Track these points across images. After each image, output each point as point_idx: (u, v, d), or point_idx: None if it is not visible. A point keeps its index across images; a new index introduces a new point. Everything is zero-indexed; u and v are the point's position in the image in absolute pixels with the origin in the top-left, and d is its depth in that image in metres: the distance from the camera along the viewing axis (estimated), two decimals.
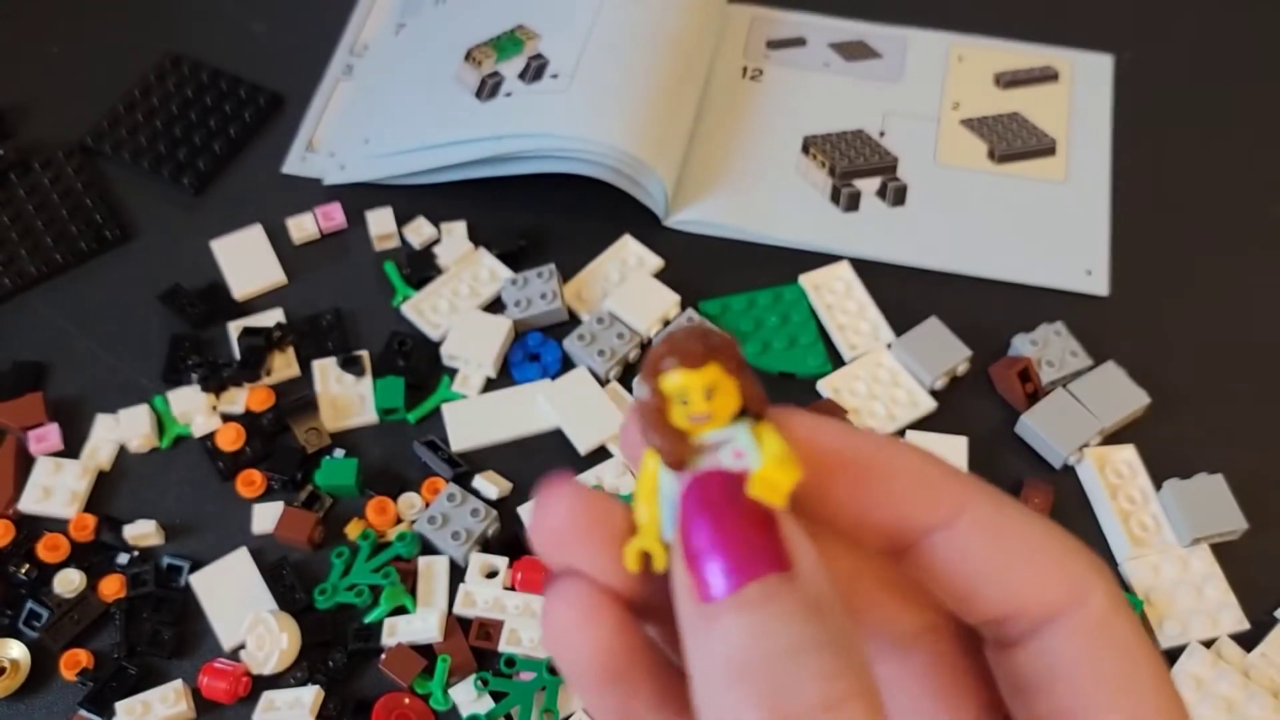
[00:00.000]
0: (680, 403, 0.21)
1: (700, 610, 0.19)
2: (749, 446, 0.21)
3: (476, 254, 0.60)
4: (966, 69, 0.67)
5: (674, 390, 0.21)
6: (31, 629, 0.50)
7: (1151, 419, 0.55)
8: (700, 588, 0.19)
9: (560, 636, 0.20)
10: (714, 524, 0.19)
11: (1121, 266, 0.60)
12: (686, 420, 0.21)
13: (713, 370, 0.21)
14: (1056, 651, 0.21)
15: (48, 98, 0.67)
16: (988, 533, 0.21)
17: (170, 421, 0.55)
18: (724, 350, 0.21)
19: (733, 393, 0.21)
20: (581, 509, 0.21)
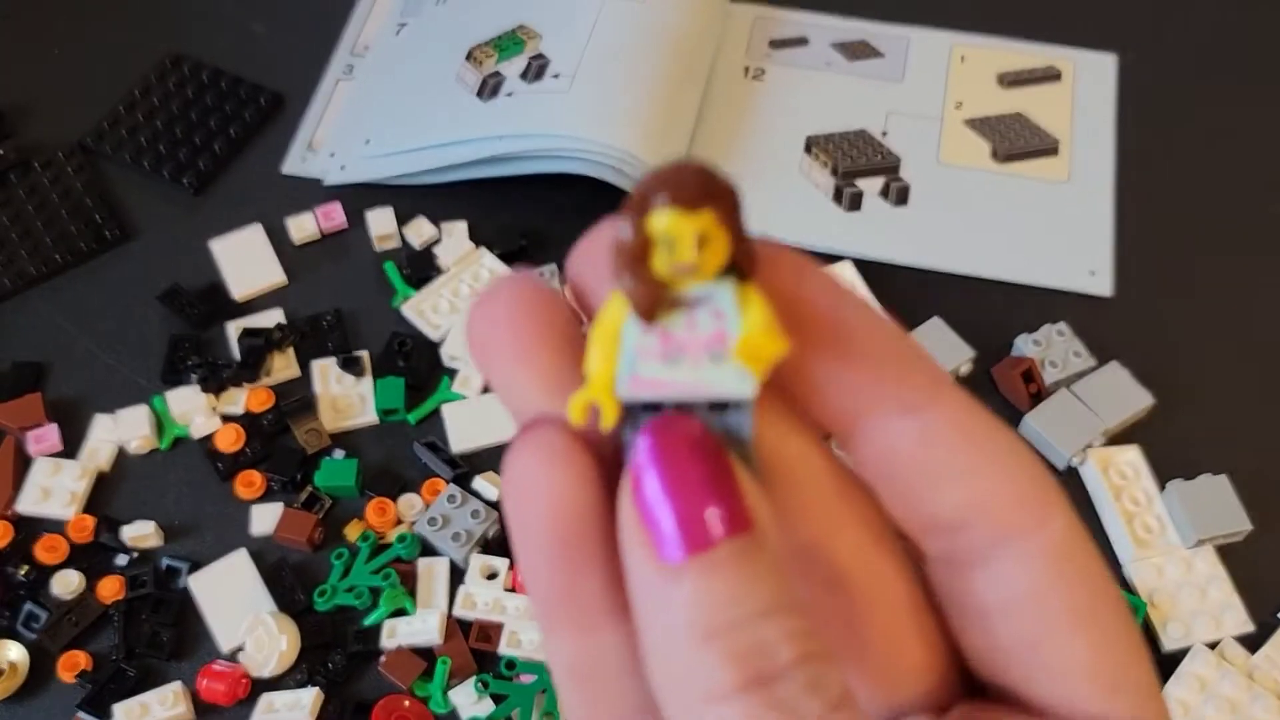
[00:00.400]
0: (665, 248, 0.19)
1: (658, 570, 0.18)
2: (730, 309, 0.19)
3: (477, 254, 0.60)
4: (969, 68, 0.67)
5: (662, 233, 0.19)
6: (30, 630, 0.50)
7: (1155, 420, 0.55)
8: (660, 546, 0.18)
9: (516, 484, 0.19)
10: (678, 477, 0.18)
11: (1125, 266, 0.60)
12: (668, 269, 0.19)
13: (708, 217, 0.19)
14: (1018, 575, 0.20)
15: (48, 98, 0.67)
16: (955, 429, 0.20)
17: (169, 422, 0.55)
18: (724, 196, 0.19)
19: (723, 245, 0.19)
20: (531, 310, 0.19)
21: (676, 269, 0.19)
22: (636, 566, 0.18)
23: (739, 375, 0.19)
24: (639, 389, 0.19)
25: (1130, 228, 0.61)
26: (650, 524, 0.18)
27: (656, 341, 0.19)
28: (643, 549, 0.18)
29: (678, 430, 0.18)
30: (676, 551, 0.18)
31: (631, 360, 0.19)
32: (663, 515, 0.18)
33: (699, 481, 0.18)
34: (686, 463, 0.18)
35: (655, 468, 0.18)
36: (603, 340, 0.19)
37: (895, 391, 0.20)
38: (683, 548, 0.17)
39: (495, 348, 0.20)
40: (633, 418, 0.20)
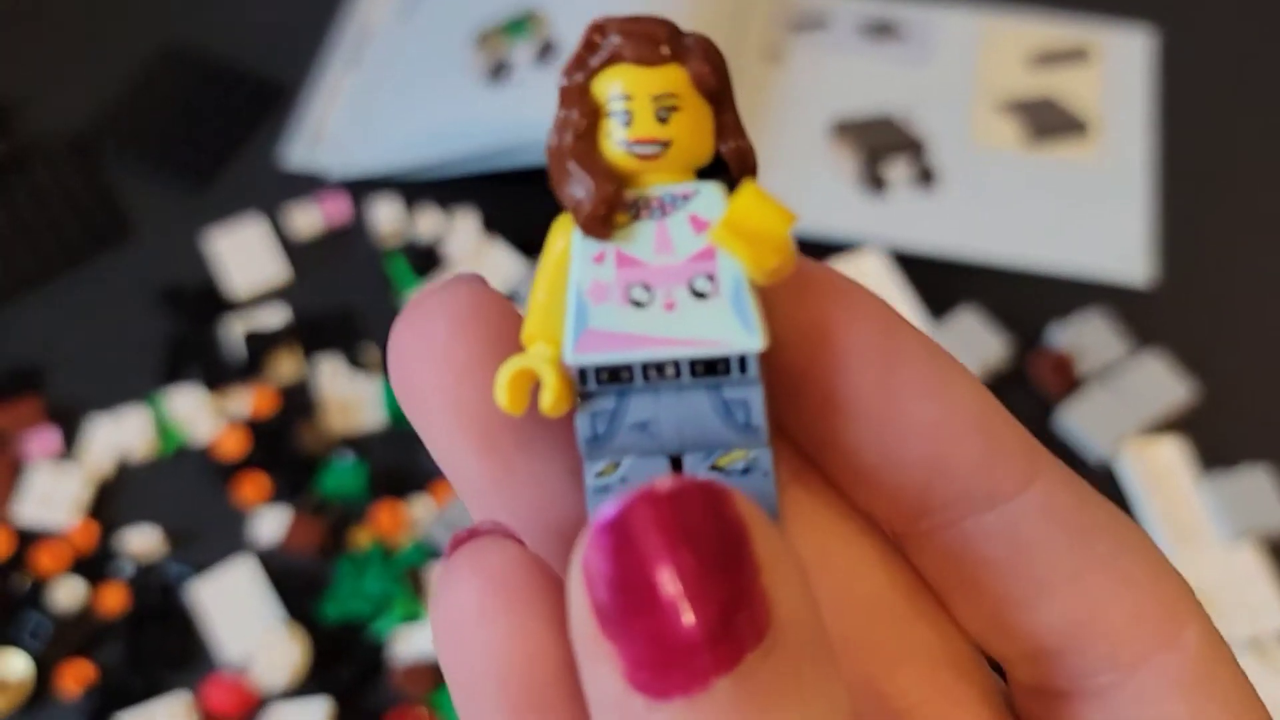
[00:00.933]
0: (619, 120, 0.14)
1: (632, 704, 0.12)
2: (716, 211, 0.14)
3: (489, 245, 0.58)
4: (997, 48, 0.65)
5: (614, 96, 0.14)
6: (32, 641, 0.49)
7: (1193, 411, 0.53)
8: (632, 674, 0.12)
9: (453, 628, 0.13)
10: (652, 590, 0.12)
11: (1162, 253, 0.58)
12: (623, 150, 0.14)
13: (674, 74, 0.14)
14: (1142, 709, 0.15)
15: (44, 94, 0.65)
16: (1060, 522, 0.15)
17: (172, 425, 0.54)
18: (698, 50, 0.14)
19: (699, 120, 0.14)
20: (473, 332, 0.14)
21: (634, 149, 0.14)
22: (601, 695, 0.13)
23: (740, 318, 0.14)
24: (591, 347, 0.14)
25: (1167, 212, 0.59)
26: (621, 642, 0.12)
27: (614, 272, 0.14)
28: (605, 666, 0.13)
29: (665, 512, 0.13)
30: (655, 689, 0.12)
31: (580, 307, 0.14)
32: (637, 633, 0.12)
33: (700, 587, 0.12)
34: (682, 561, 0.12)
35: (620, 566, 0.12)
36: (545, 279, 0.14)
37: (971, 473, 0.15)
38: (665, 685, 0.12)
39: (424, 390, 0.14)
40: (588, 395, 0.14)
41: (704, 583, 0.12)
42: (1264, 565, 0.49)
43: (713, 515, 0.13)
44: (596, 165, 0.14)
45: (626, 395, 0.14)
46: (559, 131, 0.14)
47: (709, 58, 0.14)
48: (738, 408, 0.14)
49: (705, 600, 0.12)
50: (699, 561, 0.12)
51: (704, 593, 0.12)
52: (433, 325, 0.14)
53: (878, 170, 0.60)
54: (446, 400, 0.14)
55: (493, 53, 0.61)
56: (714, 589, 0.12)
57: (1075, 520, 0.15)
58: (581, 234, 0.14)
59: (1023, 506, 0.15)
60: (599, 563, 0.12)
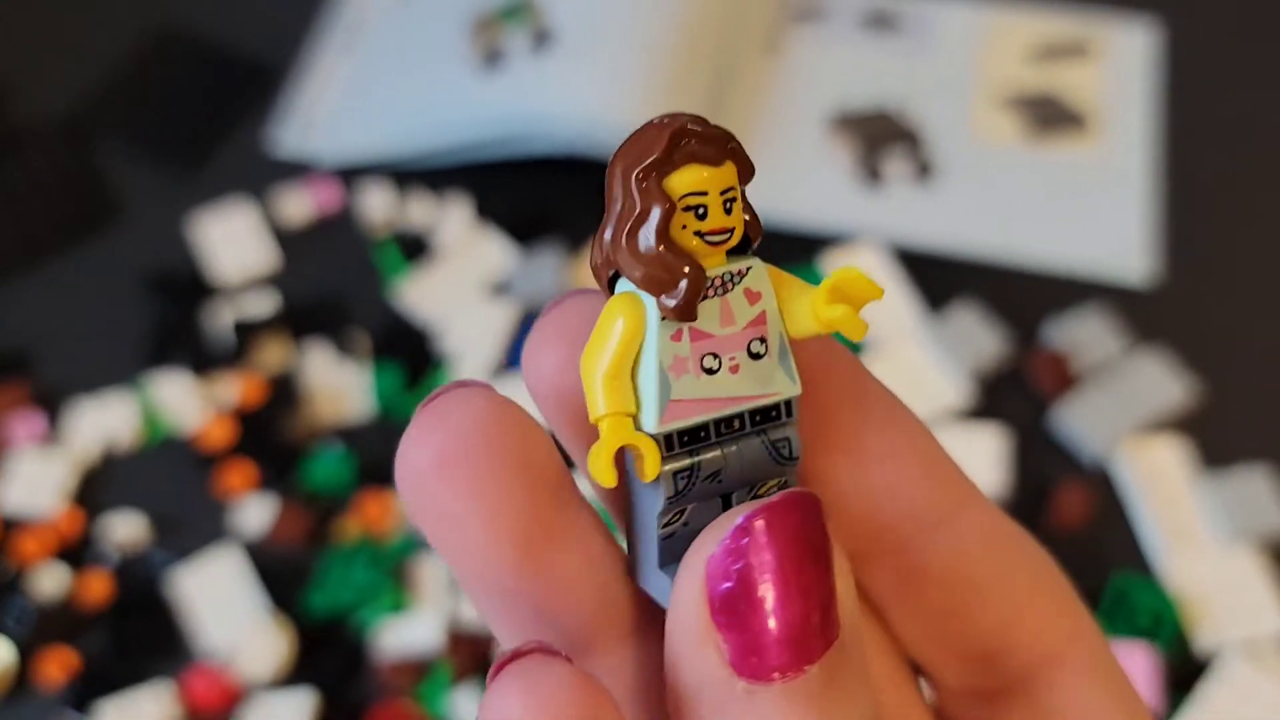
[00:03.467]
0: (695, 214, 0.15)
1: (733, 687, 0.14)
2: (765, 286, 0.16)
3: (481, 233, 0.58)
4: (998, 42, 0.64)
5: (691, 193, 0.15)
6: (15, 628, 0.48)
7: (1191, 411, 0.53)
8: (737, 660, 0.14)
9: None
10: (790, 581, 0.14)
11: (1161, 251, 0.57)
12: (699, 240, 0.15)
13: (731, 170, 0.16)
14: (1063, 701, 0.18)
15: (34, 77, 0.65)
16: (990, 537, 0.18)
17: (159, 413, 0.53)
18: (739, 148, 0.16)
19: (741, 206, 0.16)
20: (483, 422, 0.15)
21: (708, 239, 0.15)
22: (702, 678, 0.15)
23: (784, 370, 0.16)
24: (676, 416, 0.15)
25: (1167, 209, 0.59)
26: (732, 630, 0.14)
27: (689, 347, 0.15)
28: (710, 654, 0.14)
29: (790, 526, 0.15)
30: (759, 669, 0.14)
31: (664, 382, 0.15)
32: (750, 619, 0.14)
33: (804, 585, 0.14)
34: (794, 570, 0.14)
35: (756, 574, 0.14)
36: (613, 373, 0.15)
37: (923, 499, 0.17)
38: (768, 664, 0.14)
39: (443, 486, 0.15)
40: (667, 459, 0.16)
41: (808, 585, 0.14)
42: (1261, 567, 0.49)
43: (814, 522, 0.15)
44: (687, 255, 0.15)
45: (699, 452, 0.16)
46: (635, 220, 0.15)
47: (740, 154, 0.16)
48: (783, 445, 0.16)
49: (808, 600, 0.14)
50: (805, 562, 0.14)
51: (808, 590, 0.14)
52: (445, 441, 0.15)
53: (875, 163, 0.60)
54: (481, 513, 0.15)
55: (488, 40, 0.60)
56: (814, 588, 0.14)
57: (1000, 537, 0.18)
58: (669, 318, 0.15)
59: (960, 526, 0.17)
60: (726, 559, 0.14)
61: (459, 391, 0.15)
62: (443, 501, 0.15)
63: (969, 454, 0.51)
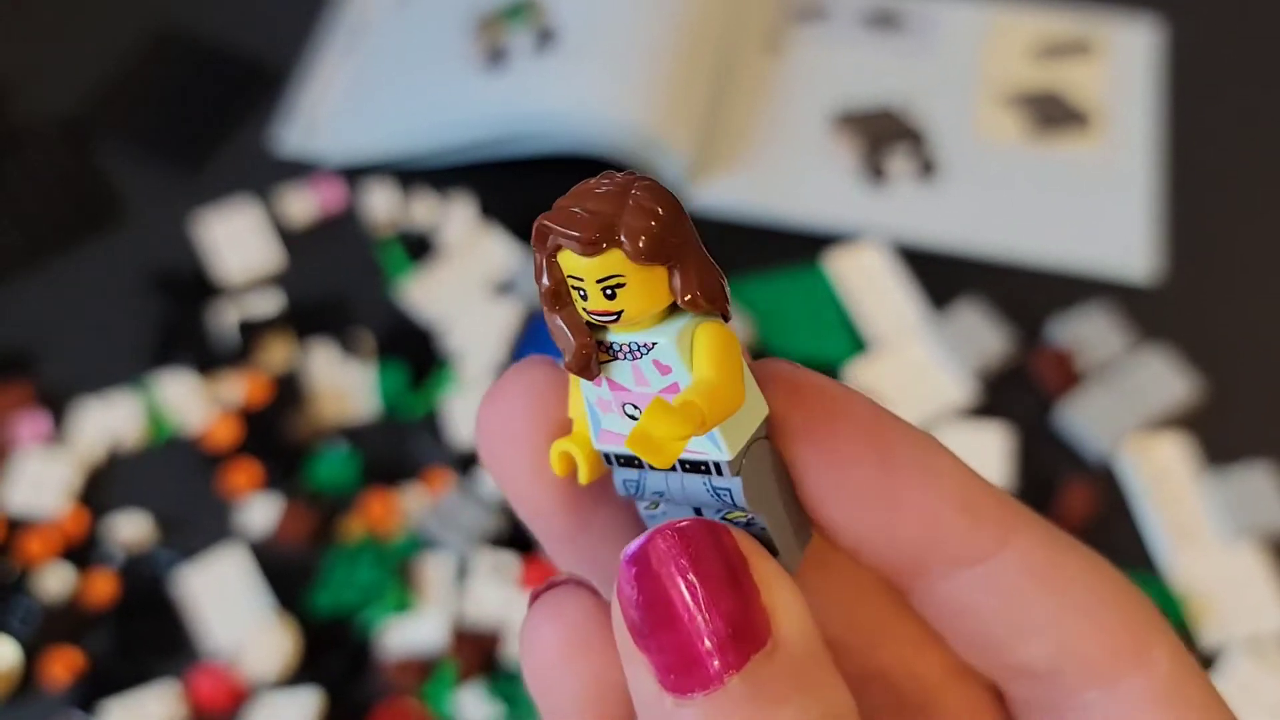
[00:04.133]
0: (578, 293, 0.16)
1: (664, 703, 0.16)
2: (676, 362, 0.16)
3: (485, 233, 0.58)
4: (1001, 40, 0.64)
5: (568, 276, 0.16)
6: (21, 628, 0.48)
7: (1195, 408, 0.53)
8: (663, 677, 0.16)
9: (543, 663, 0.17)
10: (671, 607, 0.15)
11: (1164, 249, 0.57)
12: (587, 316, 0.16)
13: (614, 259, 0.16)
14: None
15: (36, 76, 0.65)
16: (1035, 573, 0.18)
17: (163, 412, 0.53)
18: (637, 225, 0.16)
19: (654, 286, 0.16)
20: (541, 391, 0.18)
21: (593, 318, 0.16)
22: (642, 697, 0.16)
23: (709, 438, 0.17)
24: (608, 442, 0.17)
25: (1170, 207, 0.59)
26: (651, 653, 0.16)
27: (610, 394, 0.17)
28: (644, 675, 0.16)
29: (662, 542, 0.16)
30: (680, 687, 0.15)
31: (594, 414, 0.17)
32: (663, 645, 0.15)
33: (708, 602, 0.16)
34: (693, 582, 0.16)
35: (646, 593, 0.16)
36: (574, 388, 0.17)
37: (957, 544, 0.18)
38: (689, 682, 0.15)
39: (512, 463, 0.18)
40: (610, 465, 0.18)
41: (711, 598, 0.15)
42: (1264, 565, 0.49)
43: (715, 544, 0.16)
44: (573, 325, 0.16)
45: (644, 471, 0.18)
46: (541, 293, 0.16)
47: (643, 231, 0.16)
48: (724, 493, 0.17)
49: (713, 612, 0.15)
50: (706, 581, 0.15)
51: (712, 606, 0.15)
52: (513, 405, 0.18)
53: (878, 162, 0.60)
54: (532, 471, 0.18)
55: (491, 39, 0.60)
56: (720, 603, 0.15)
57: (1048, 571, 0.18)
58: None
59: (1001, 564, 0.18)
60: (628, 588, 0.16)
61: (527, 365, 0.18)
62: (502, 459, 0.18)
63: (973, 452, 0.51)
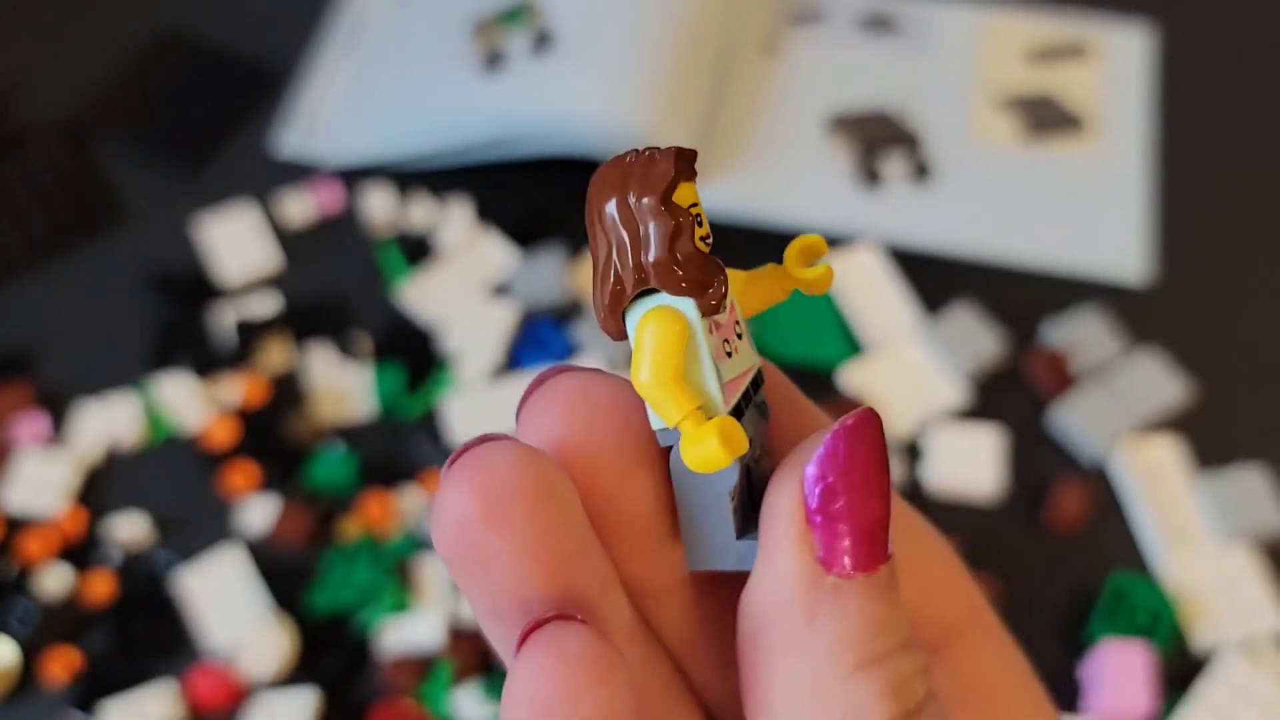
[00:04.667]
0: (697, 223, 0.17)
1: (822, 583, 0.16)
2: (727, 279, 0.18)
3: (482, 235, 0.58)
4: (995, 43, 0.64)
5: (692, 205, 0.17)
6: (19, 627, 0.48)
7: (1188, 410, 0.53)
8: (832, 556, 0.16)
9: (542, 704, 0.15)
10: (870, 485, 0.17)
11: (1158, 251, 0.58)
12: (705, 245, 0.17)
13: None
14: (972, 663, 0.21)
15: (36, 78, 0.65)
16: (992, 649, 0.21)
17: (162, 413, 0.53)
18: None
19: None
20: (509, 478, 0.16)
21: (707, 242, 0.17)
22: (794, 577, 0.17)
23: (751, 345, 0.19)
24: (730, 395, 0.18)
25: (1163, 210, 0.59)
26: (828, 531, 0.16)
27: (716, 337, 0.18)
28: (803, 555, 0.16)
29: (869, 435, 0.17)
30: (845, 566, 0.16)
31: (716, 370, 0.17)
32: (843, 522, 0.16)
33: (880, 495, 0.17)
34: (875, 475, 0.17)
35: (846, 475, 0.17)
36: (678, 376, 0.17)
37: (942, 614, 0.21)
38: (852, 562, 0.16)
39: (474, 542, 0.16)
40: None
41: (884, 488, 0.17)
42: (1257, 566, 0.49)
43: (883, 437, 0.17)
44: (711, 257, 0.17)
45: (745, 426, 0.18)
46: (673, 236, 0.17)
47: None
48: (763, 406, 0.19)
49: (884, 501, 0.17)
50: (883, 471, 0.17)
51: (884, 495, 0.17)
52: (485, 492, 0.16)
53: (873, 164, 0.60)
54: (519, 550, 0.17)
55: (488, 42, 0.60)
56: (887, 494, 0.17)
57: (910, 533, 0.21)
58: (708, 314, 0.17)
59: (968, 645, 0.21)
60: (819, 468, 0.16)
61: (487, 449, 0.17)
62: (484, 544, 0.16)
63: (967, 455, 0.51)
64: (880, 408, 0.52)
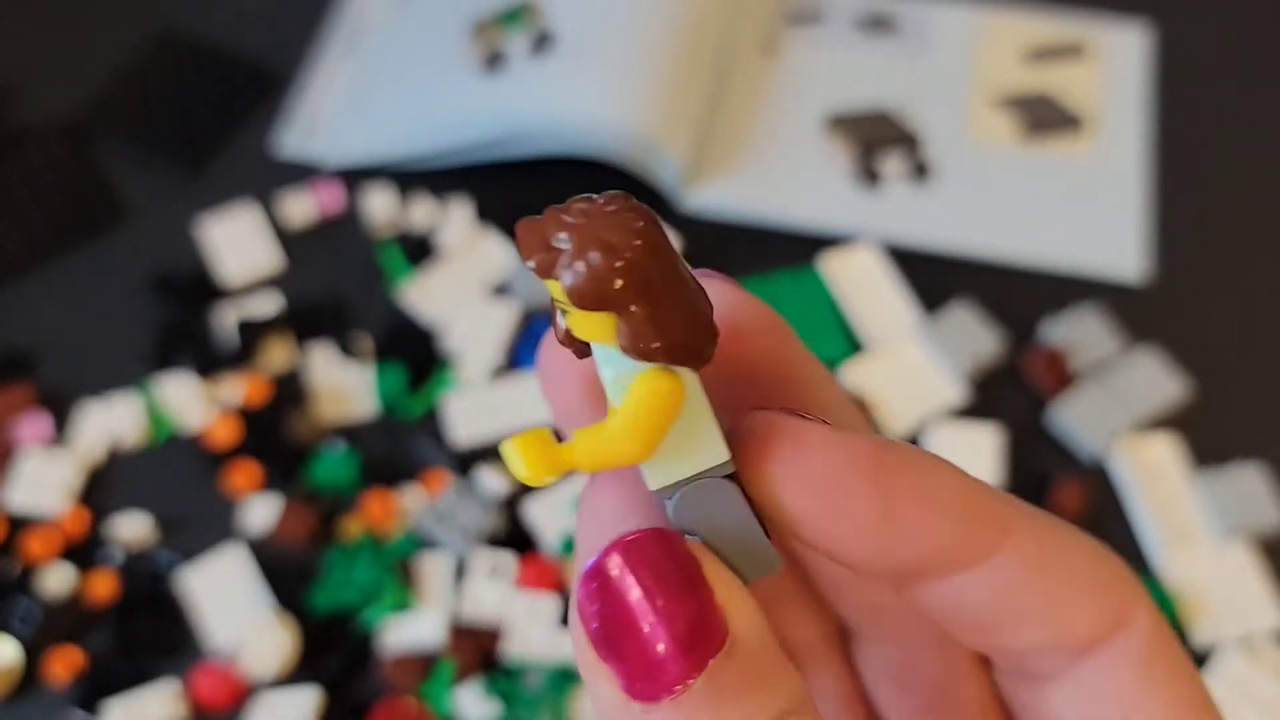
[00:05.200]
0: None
1: (631, 710, 0.16)
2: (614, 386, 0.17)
3: (483, 235, 0.58)
4: (994, 43, 0.65)
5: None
6: (21, 627, 0.48)
7: (1187, 408, 0.53)
8: (627, 686, 0.16)
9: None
10: (631, 617, 0.16)
11: (1156, 250, 0.58)
12: None
13: (557, 289, 0.17)
14: (1100, 684, 0.18)
15: (37, 78, 0.65)
16: (1030, 566, 0.18)
17: (164, 413, 0.53)
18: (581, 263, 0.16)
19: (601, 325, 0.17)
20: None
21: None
22: (601, 705, 0.16)
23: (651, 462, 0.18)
24: None
25: (1161, 208, 0.59)
26: (613, 662, 0.16)
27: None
28: (606, 683, 0.16)
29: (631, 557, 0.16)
30: (644, 694, 0.16)
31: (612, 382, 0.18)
32: (626, 654, 0.16)
33: (665, 609, 0.16)
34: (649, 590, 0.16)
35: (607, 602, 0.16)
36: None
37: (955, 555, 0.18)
38: (653, 689, 0.16)
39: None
40: None
41: (669, 605, 0.16)
42: (1256, 563, 0.49)
43: (668, 551, 0.16)
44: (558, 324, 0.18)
45: None
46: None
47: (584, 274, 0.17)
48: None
49: (672, 618, 0.16)
50: (662, 588, 0.16)
51: (670, 612, 0.16)
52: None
53: (872, 164, 0.60)
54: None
55: (488, 43, 0.60)
56: (678, 608, 0.16)
57: (1038, 560, 0.18)
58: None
59: (996, 563, 0.18)
60: (587, 603, 0.16)
61: None
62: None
63: (966, 452, 0.51)
64: (880, 406, 0.53)
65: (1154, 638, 0.18)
